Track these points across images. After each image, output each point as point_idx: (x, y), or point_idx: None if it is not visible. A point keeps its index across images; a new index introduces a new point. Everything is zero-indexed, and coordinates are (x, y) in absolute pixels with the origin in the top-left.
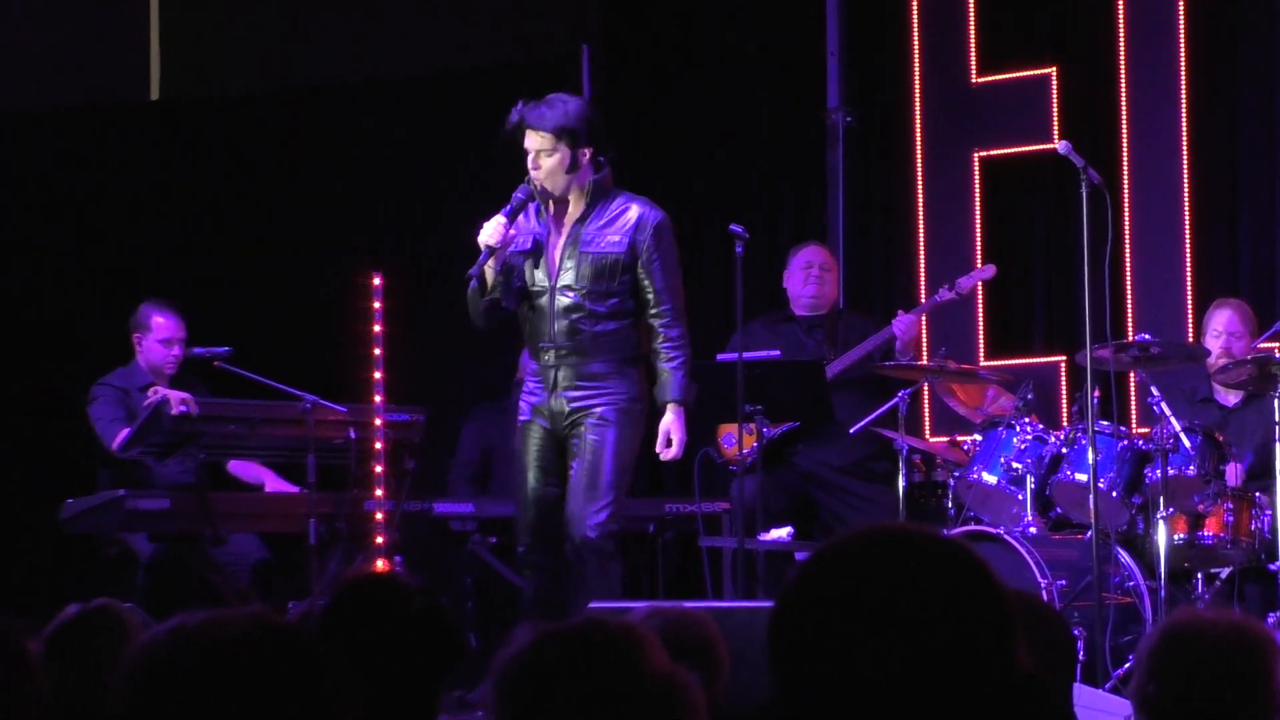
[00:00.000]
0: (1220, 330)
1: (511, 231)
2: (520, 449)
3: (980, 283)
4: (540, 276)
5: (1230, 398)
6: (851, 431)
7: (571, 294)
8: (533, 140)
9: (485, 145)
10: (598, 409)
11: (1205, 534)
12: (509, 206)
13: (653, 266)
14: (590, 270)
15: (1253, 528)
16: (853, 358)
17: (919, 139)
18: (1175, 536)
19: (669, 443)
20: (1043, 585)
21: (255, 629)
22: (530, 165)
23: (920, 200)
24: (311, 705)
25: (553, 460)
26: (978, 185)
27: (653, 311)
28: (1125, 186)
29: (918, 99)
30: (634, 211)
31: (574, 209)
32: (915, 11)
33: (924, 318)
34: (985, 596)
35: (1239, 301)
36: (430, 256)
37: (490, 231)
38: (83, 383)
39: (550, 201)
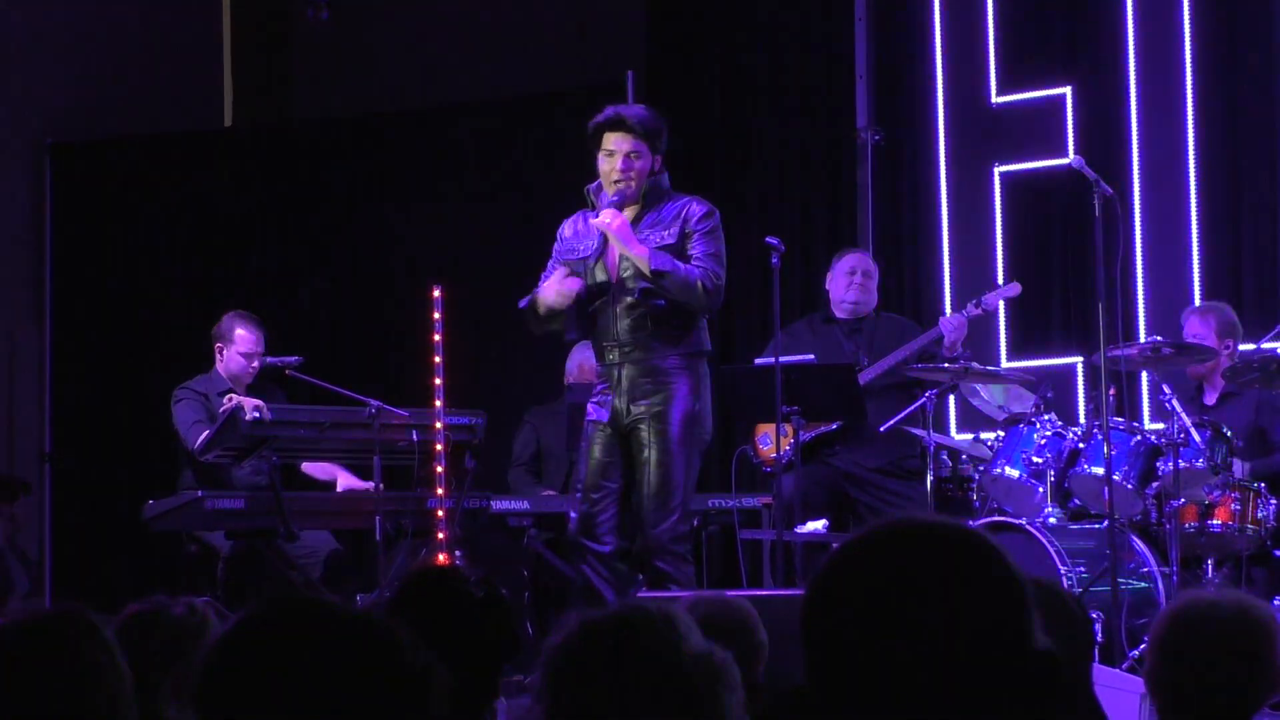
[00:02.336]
0: (1192, 334)
1: (576, 289)
2: (586, 445)
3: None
4: (602, 276)
5: (1210, 396)
6: (881, 429)
7: (633, 292)
8: (625, 142)
9: (535, 167)
10: (659, 407)
11: (1214, 522)
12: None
13: (694, 238)
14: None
15: (1259, 516)
16: (888, 364)
17: (943, 156)
18: (1186, 525)
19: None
20: (1062, 572)
21: (335, 617)
22: (619, 165)
23: (944, 213)
24: (393, 690)
25: (615, 456)
26: (998, 199)
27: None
28: (1136, 198)
29: (941, 118)
30: (683, 205)
31: (632, 210)
32: (938, 36)
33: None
34: (1003, 580)
35: (1207, 305)
36: (487, 270)
37: (555, 296)
38: (166, 390)
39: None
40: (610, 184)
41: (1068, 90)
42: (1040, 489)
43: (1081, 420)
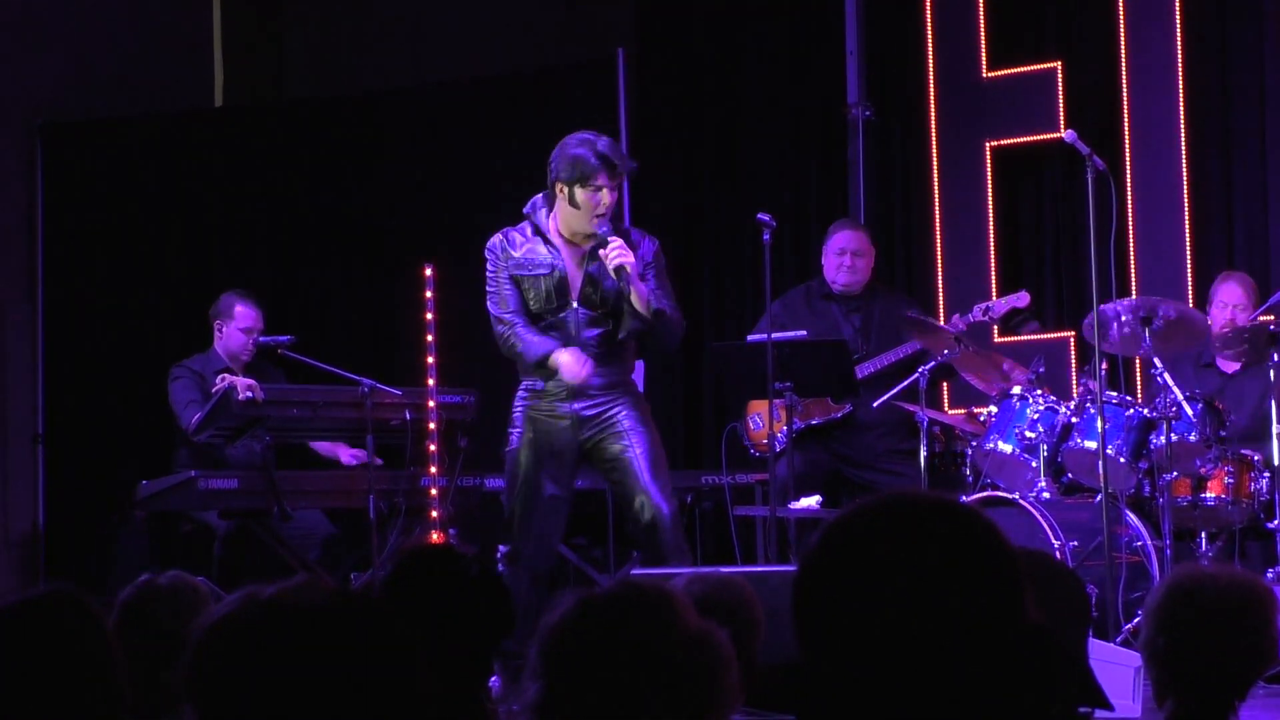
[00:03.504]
0: (1227, 302)
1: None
2: (526, 457)
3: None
4: (559, 297)
5: (1230, 365)
6: (874, 405)
7: (593, 311)
8: (614, 180)
9: (526, 144)
10: (619, 408)
11: (1207, 496)
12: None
13: (650, 274)
14: (611, 293)
15: (1252, 489)
16: (884, 363)
17: (934, 131)
18: (1179, 498)
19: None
20: (1056, 546)
21: (324, 598)
22: (607, 200)
23: (936, 188)
24: (382, 670)
25: (565, 467)
26: (990, 173)
27: None
28: (1127, 171)
29: (932, 93)
30: (636, 239)
31: (588, 237)
32: (929, 11)
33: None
34: (993, 554)
35: (1243, 275)
36: (477, 248)
37: (572, 380)
38: (159, 370)
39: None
40: (591, 219)
41: (1058, 64)
42: (1033, 463)
43: (1074, 394)
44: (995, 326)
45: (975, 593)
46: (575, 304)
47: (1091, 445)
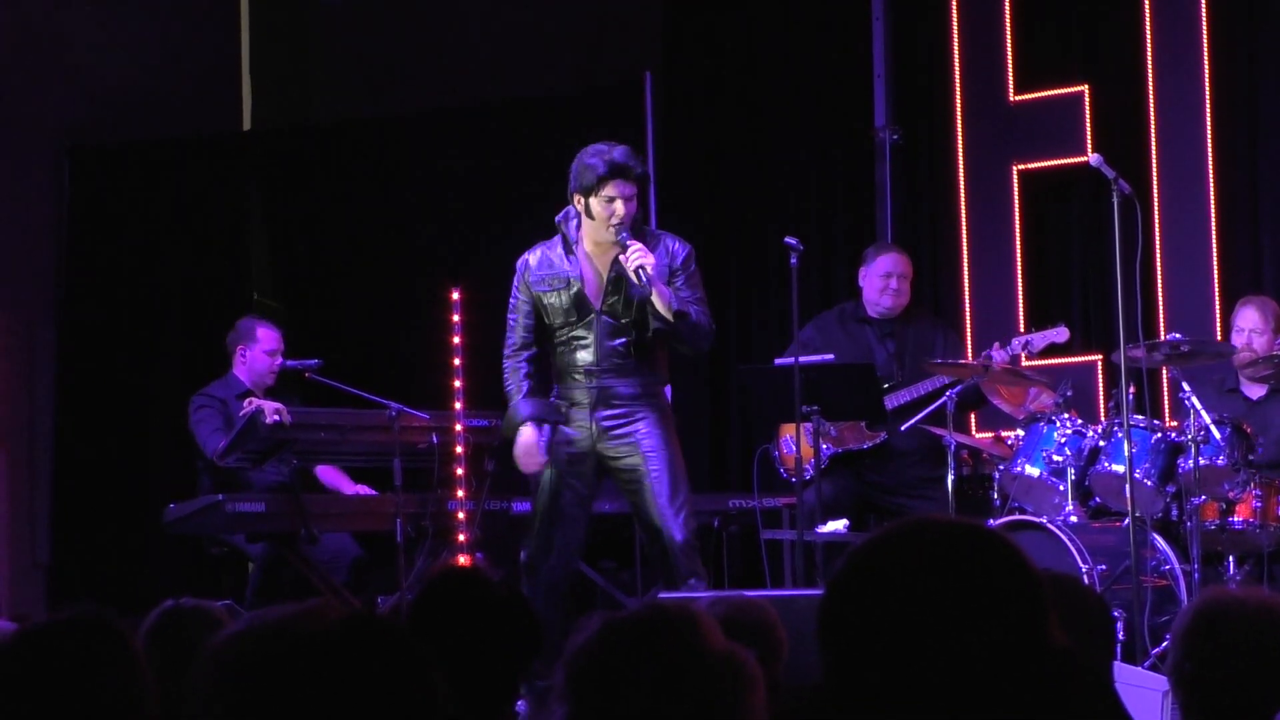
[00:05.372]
0: (1243, 327)
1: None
2: (547, 468)
3: (1051, 343)
4: (579, 310)
5: (1255, 390)
6: (902, 429)
7: (616, 321)
8: (627, 188)
9: (554, 167)
10: (642, 422)
11: (1235, 519)
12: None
13: (680, 278)
14: (635, 299)
15: (1279, 513)
16: (917, 393)
17: (961, 154)
18: (1207, 522)
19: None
20: (1083, 570)
21: (341, 622)
22: (621, 210)
23: (963, 211)
24: (400, 694)
25: (586, 479)
26: (1016, 197)
27: None
28: (1154, 196)
29: (959, 117)
30: (667, 244)
31: (618, 249)
32: (956, 35)
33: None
34: (1018, 577)
35: (1263, 299)
36: (505, 272)
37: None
38: (183, 393)
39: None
40: (607, 228)
41: (1085, 88)
42: (1061, 487)
43: (1102, 418)
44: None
45: (1000, 616)
46: (599, 313)
47: (1119, 469)
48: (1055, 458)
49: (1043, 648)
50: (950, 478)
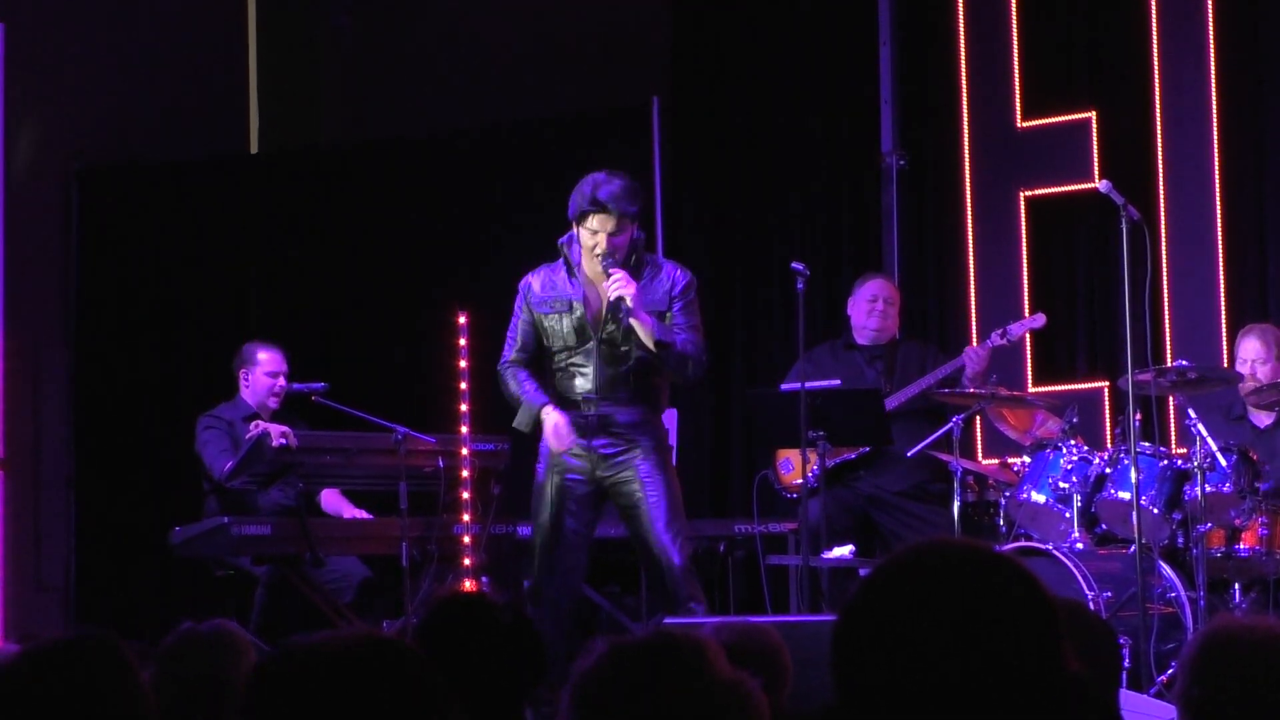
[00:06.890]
0: (1246, 358)
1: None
2: (548, 492)
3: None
4: (579, 335)
5: (1263, 419)
6: (908, 455)
7: (615, 349)
8: (607, 223)
9: (561, 190)
10: (639, 450)
11: (1241, 547)
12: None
13: (675, 306)
14: (627, 326)
15: None
16: (911, 392)
17: (968, 179)
18: (1213, 549)
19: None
20: (1089, 597)
21: (371, 646)
22: (604, 243)
23: (970, 236)
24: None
25: (586, 504)
26: (1024, 222)
27: None
28: (1162, 222)
29: (966, 142)
30: (668, 272)
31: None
32: (963, 61)
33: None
34: (1033, 603)
35: (1263, 327)
36: (511, 295)
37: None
38: (191, 416)
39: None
40: (592, 257)
41: (1092, 114)
42: (1067, 514)
43: (1108, 445)
44: (1029, 377)
45: (1014, 642)
46: (599, 341)
47: (1125, 496)
48: (1061, 484)
49: (1056, 674)
50: (956, 504)
